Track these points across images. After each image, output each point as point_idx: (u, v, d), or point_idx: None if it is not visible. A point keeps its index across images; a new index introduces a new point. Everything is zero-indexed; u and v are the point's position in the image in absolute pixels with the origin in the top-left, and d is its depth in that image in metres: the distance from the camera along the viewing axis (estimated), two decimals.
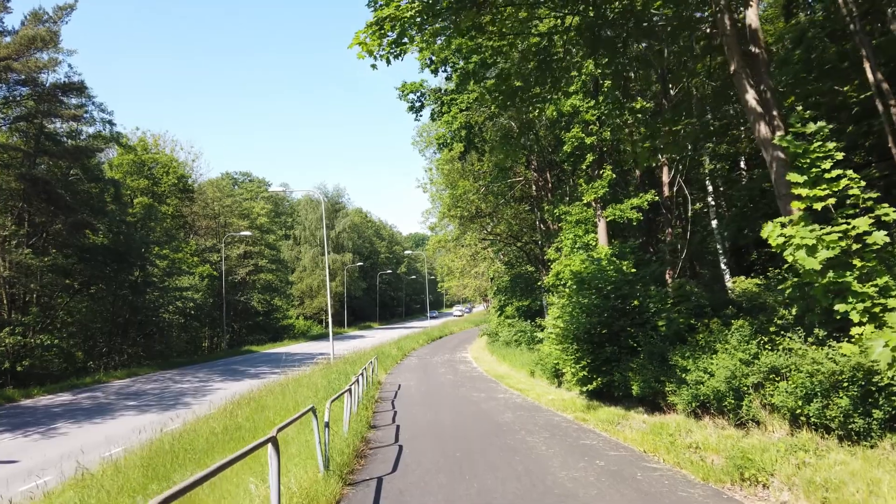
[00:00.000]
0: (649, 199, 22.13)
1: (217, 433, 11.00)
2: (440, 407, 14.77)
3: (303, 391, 15.97)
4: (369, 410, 13.29)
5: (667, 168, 24.08)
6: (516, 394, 17.30)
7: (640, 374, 12.07)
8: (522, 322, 33.49)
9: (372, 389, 16.51)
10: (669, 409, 11.72)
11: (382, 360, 27.22)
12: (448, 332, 57.21)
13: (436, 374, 24.30)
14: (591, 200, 22.27)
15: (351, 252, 68.77)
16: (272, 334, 52.94)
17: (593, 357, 13.69)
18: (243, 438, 10.38)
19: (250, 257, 50.63)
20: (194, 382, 30.16)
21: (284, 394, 15.70)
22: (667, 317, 12.36)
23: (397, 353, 31.51)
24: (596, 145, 22.21)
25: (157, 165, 46.32)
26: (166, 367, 36.60)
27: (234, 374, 32.30)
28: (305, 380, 19.02)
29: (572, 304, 14.58)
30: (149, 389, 27.99)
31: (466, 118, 24.60)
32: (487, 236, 35.20)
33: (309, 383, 17.97)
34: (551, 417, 12.71)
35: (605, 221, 22.61)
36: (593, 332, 13.72)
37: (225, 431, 10.99)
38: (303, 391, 15.97)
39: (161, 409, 21.56)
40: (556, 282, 22.00)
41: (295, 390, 16.22)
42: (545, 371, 19.61)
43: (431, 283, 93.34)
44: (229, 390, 23.89)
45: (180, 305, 41.95)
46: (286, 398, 14.63)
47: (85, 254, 32.07)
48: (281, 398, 15.03)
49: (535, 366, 22.23)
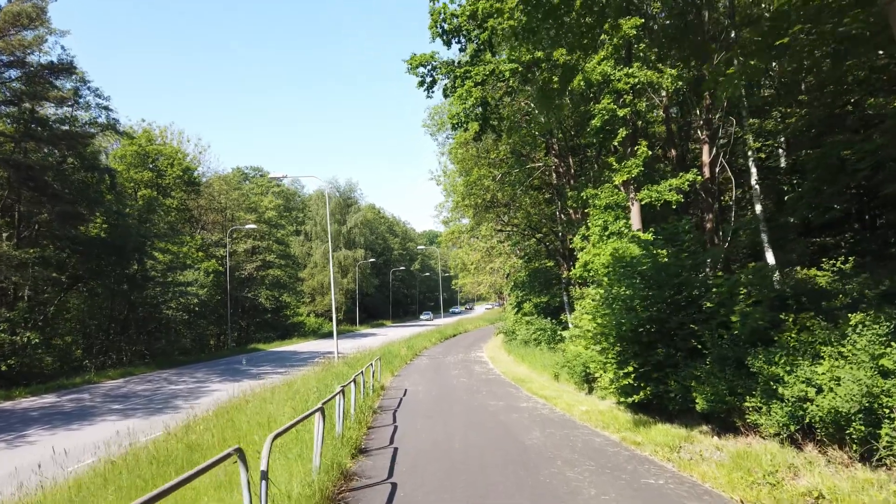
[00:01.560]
0: (691, 178, 19.19)
1: (160, 460, 8.38)
2: (452, 420, 12.02)
3: (298, 395, 13.40)
4: (363, 427, 10.59)
5: (707, 146, 21.12)
6: (541, 402, 14.48)
7: (708, 383, 9.21)
8: (542, 319, 30.62)
9: (370, 398, 13.81)
10: (749, 430, 8.85)
11: (390, 360, 24.53)
12: (462, 329, 54.44)
13: (448, 376, 21.54)
14: (624, 181, 19.38)
15: (363, 248, 66.18)
16: (281, 332, 50.52)
17: (641, 361, 10.84)
18: (185, 467, 7.76)
19: (258, 252, 48.25)
20: (190, 383, 27.75)
21: (265, 402, 13.05)
22: (740, 311, 9.46)
23: (407, 352, 28.80)
24: (629, 118, 19.32)
25: (161, 157, 44.10)
26: (167, 365, 34.29)
27: (235, 374, 29.86)
28: (298, 384, 16.38)
29: (613, 297, 11.72)
30: (140, 391, 25.65)
31: (482, 93, 21.81)
32: (504, 227, 32.34)
33: (301, 388, 15.32)
34: (591, 438, 9.88)
35: (638, 205, 19.68)
36: (641, 330, 10.87)
37: (167, 460, 8.37)
38: (298, 395, 13.40)
39: (147, 414, 19.24)
40: (584, 273, 19.13)
41: (282, 397, 13.58)
42: (573, 375, 16.77)
43: (445, 281, 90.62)
44: (225, 392, 21.56)
45: (184, 302, 39.62)
46: (263, 409, 11.99)
47: (78, 246, 29.78)
48: (260, 407, 12.39)
49: (559, 368, 19.40)
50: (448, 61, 22.90)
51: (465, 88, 21.37)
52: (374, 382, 16.28)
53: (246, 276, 48.19)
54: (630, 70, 18.48)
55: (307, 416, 6.38)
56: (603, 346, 11.87)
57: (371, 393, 14.81)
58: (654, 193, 18.85)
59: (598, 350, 12.09)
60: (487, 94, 22.45)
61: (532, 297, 33.90)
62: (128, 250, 32.10)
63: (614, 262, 11.94)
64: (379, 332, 57.35)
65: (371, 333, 56.33)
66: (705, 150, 21.23)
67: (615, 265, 11.81)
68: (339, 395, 8.74)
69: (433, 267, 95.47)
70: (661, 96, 21.57)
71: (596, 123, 19.28)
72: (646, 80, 18.38)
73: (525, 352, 28.02)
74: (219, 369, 32.60)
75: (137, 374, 30.67)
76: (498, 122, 24.04)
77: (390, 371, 21.76)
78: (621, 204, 20.35)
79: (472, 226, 31.01)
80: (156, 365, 33.18)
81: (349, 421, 9.99)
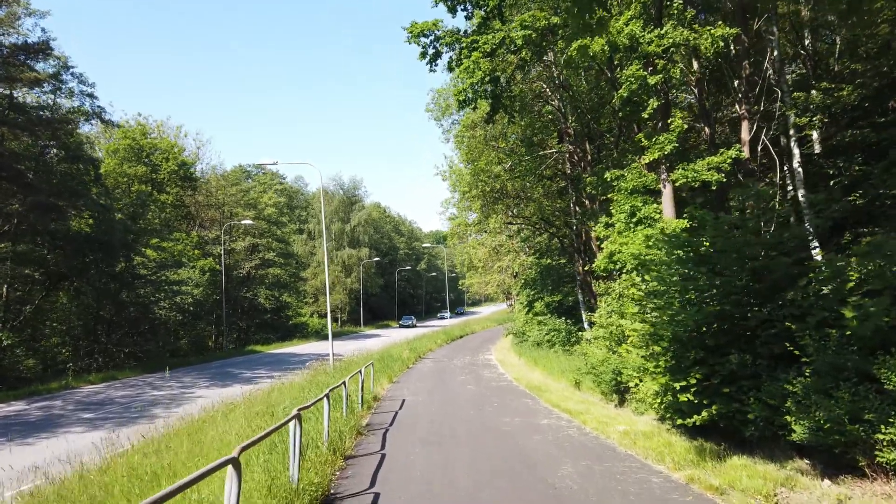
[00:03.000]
0: (734, 154, 16.42)
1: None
2: (456, 447, 9.32)
3: (268, 411, 10.78)
4: (338, 459, 7.87)
5: (747, 122, 18.32)
6: (565, 418, 11.76)
7: (813, 404, 6.47)
8: (555, 320, 27.87)
9: (357, 415, 11.08)
10: (877, 472, 6.10)
11: (390, 363, 21.86)
12: (469, 331, 51.67)
13: (453, 383, 18.83)
14: (654, 161, 16.63)
15: (368, 247, 63.50)
16: (282, 333, 47.91)
17: (706, 371, 8.09)
18: None
19: (258, 250, 45.71)
20: (175, 388, 25.21)
21: (227, 419, 10.41)
22: (855, 304, 6.70)
23: (409, 355, 26.11)
24: (661, 88, 16.59)
25: (156, 152, 41.73)
26: (156, 368, 31.77)
27: (226, 378, 27.34)
28: (275, 396, 13.75)
29: (667, 287, 8.96)
30: (118, 397, 23.17)
31: (491, 66, 19.10)
32: (514, 220, 29.61)
33: (278, 400, 12.68)
34: (646, 478, 7.15)
35: (671, 187, 16.92)
36: (705, 330, 8.12)
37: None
38: (268, 411, 10.78)
39: (117, 424, 16.76)
40: (609, 265, 16.38)
41: (253, 411, 10.95)
42: (599, 383, 14.01)
43: (452, 282, 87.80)
44: (209, 399, 19.10)
45: (178, 302, 37.12)
46: (211, 432, 9.35)
47: (58, 241, 27.34)
48: (209, 430, 9.75)
49: (580, 374, 16.66)
50: (453, 30, 20.20)
51: (472, 60, 18.70)
52: (366, 393, 13.58)
53: (244, 275, 45.66)
54: (662, 31, 15.77)
55: (214, 469, 3.72)
56: (652, 350, 9.13)
57: (360, 407, 12.12)
58: (691, 173, 16.09)
59: (646, 355, 9.34)
60: (497, 66, 19.79)
61: (544, 296, 31.17)
62: (114, 246, 29.62)
63: (666, 243, 9.17)
64: (383, 334, 54.69)
65: (375, 335, 53.68)
66: (744, 127, 18.42)
67: (667, 247, 9.05)
68: (295, 420, 6.01)
69: (440, 267, 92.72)
70: (693, 71, 18.81)
71: (622, 94, 16.54)
72: (681, 39, 15.62)
73: (538, 354, 25.29)
74: (209, 373, 30.08)
75: (122, 378, 28.16)
76: (510, 102, 21.39)
77: (388, 377, 19.07)
78: (650, 187, 17.60)
79: (480, 219, 28.28)
80: (143, 368, 30.67)
81: (318, 451, 7.32)
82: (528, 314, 31.72)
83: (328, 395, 8.15)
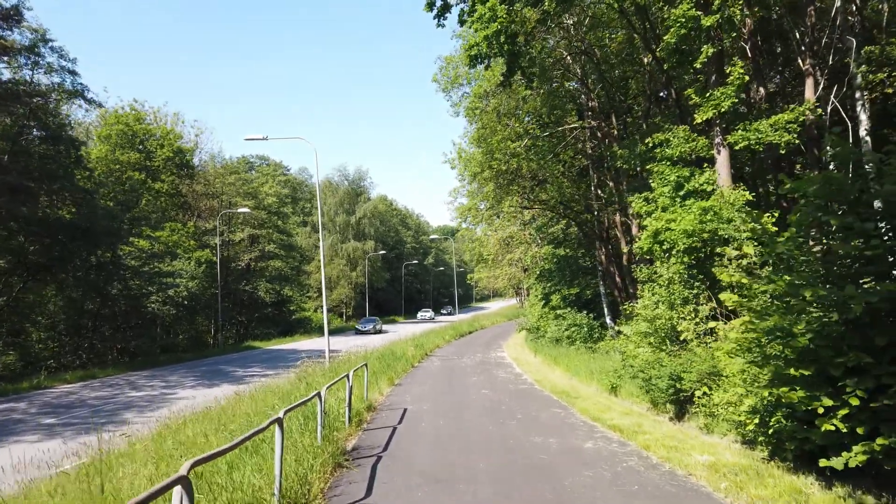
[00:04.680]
0: (808, 111, 13.36)
1: None
2: (474, 492, 6.34)
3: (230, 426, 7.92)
4: None
5: (811, 79, 15.19)
6: (616, 439, 8.78)
7: None
8: (575, 314, 24.84)
9: (340, 437, 8.06)
10: None
11: (392, 362, 18.94)
12: (479, 326, 48.67)
13: (464, 386, 15.86)
14: (708, 120, 13.56)
15: (373, 240, 60.54)
16: (283, 328, 45.10)
17: (871, 383, 5.05)
18: None
19: (257, 242, 42.89)
20: (157, 388, 22.48)
21: (177, 434, 7.54)
22: None
23: (415, 352, 23.16)
24: (715, 32, 13.51)
25: (151, 138, 39.00)
26: (145, 366, 29.08)
27: (216, 377, 24.62)
28: (249, 402, 10.84)
29: (805, 259, 5.87)
30: (92, 399, 20.51)
31: (509, 18, 16.04)
32: (531, 204, 26.58)
33: (246, 408, 9.79)
34: None
35: (727, 153, 13.85)
36: (870, 320, 5.07)
37: None
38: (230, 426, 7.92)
39: (77, 432, 14.12)
40: (654, 247, 13.32)
41: (185, 440, 8.05)
42: (651, 390, 10.99)
43: (460, 277, 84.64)
44: (192, 400, 16.56)
45: (172, 295, 34.33)
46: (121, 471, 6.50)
47: (33, 228, 24.62)
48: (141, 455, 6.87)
49: (616, 377, 13.64)
50: None
51: (487, 6, 15.69)
52: (358, 402, 10.62)
53: (244, 268, 42.85)
54: None
55: None
56: (764, 352, 6.09)
57: (347, 424, 9.16)
58: (753, 134, 13.00)
59: (758, 358, 6.29)
60: (515, 20, 16.74)
61: (562, 289, 28.12)
62: (97, 234, 26.87)
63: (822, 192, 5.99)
64: (389, 329, 51.81)
65: (380, 330, 50.79)
66: (808, 84, 15.28)
67: (815, 198, 5.91)
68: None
69: (448, 262, 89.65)
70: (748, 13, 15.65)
71: (669, 40, 13.46)
72: None
73: (557, 352, 22.30)
74: (199, 371, 27.33)
75: (103, 376, 25.45)
76: (529, 63, 18.34)
77: (389, 378, 16.13)
78: (699, 154, 14.53)
79: (493, 203, 25.27)
80: (127, 366, 27.93)
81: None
82: (543, 308, 28.71)
83: (280, 422, 5.16)
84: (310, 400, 6.88)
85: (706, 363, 9.60)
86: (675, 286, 12.17)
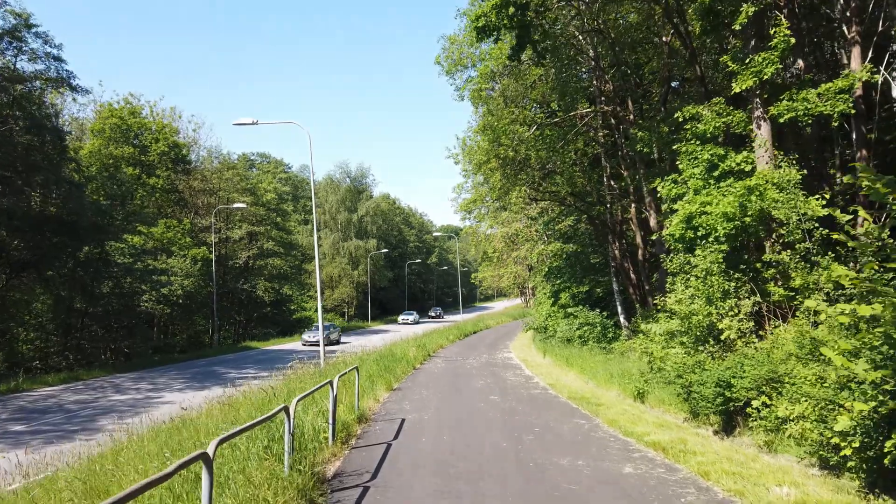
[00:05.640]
0: (865, 76, 11.65)
1: None
2: None
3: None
4: None
5: (858, 48, 13.45)
6: (661, 462, 7.08)
7: None
8: (588, 312, 23.14)
9: (326, 453, 6.36)
10: None
11: (391, 365, 17.26)
12: (483, 325, 46.95)
13: (471, 391, 14.17)
14: (746, 91, 11.85)
15: (376, 238, 58.82)
16: (283, 328, 43.45)
17: None
18: None
19: (256, 239, 41.28)
20: (143, 391, 20.91)
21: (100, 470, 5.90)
22: None
23: (416, 353, 21.47)
24: None
25: (145, 132, 37.47)
26: (134, 367, 27.50)
27: (207, 379, 23.08)
28: (218, 415, 9.19)
29: None
30: (70, 403, 18.95)
31: None
32: (540, 196, 24.88)
33: (209, 422, 8.14)
34: None
35: (769, 127, 12.12)
36: None
37: None
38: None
39: (46, 441, 12.83)
40: (685, 233, 11.61)
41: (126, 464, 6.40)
42: (694, 399, 9.26)
43: (464, 276, 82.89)
44: (176, 405, 14.88)
45: (165, 293, 32.74)
46: None
47: (15, 221, 23.08)
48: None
49: (643, 382, 11.92)
50: None
51: None
52: (345, 415, 8.92)
53: (242, 266, 41.24)
54: None
55: None
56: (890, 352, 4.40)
57: (331, 442, 7.48)
58: (801, 105, 11.27)
59: (877, 361, 4.60)
60: None
61: (571, 286, 26.45)
62: (82, 229, 25.30)
63: None
64: (392, 329, 50.12)
65: (383, 330, 49.09)
66: (855, 53, 13.52)
67: None
68: None
69: (451, 261, 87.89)
70: None
71: (703, 0, 11.80)
72: None
73: (569, 353, 20.62)
74: (191, 372, 25.76)
75: (87, 378, 23.83)
76: (540, 37, 16.65)
77: (387, 383, 14.45)
78: (735, 131, 12.83)
79: (499, 195, 23.59)
80: (115, 368, 26.34)
81: None
82: (553, 306, 27.02)
83: (206, 459, 3.50)
84: (272, 417, 5.19)
85: (764, 367, 7.88)
86: (714, 278, 10.46)
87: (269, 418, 5.07)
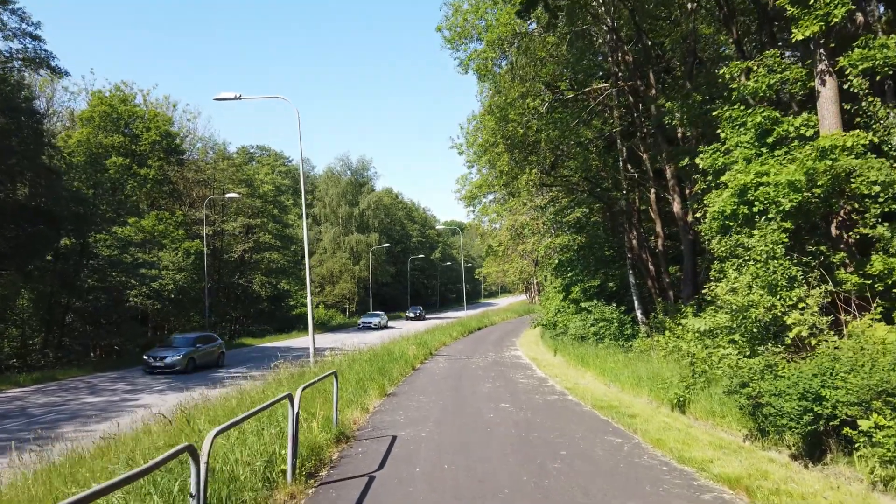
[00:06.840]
0: None
1: None
2: None
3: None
4: None
5: None
6: None
7: None
8: (604, 307, 21.06)
9: (279, 497, 4.45)
10: None
11: (387, 365, 15.24)
12: (488, 322, 44.96)
13: (477, 397, 12.12)
14: (810, 39, 9.75)
15: (378, 233, 56.75)
16: (281, 324, 41.52)
17: None
18: None
19: (252, 232, 39.31)
20: (119, 393, 19.04)
21: None
22: None
23: (416, 351, 19.44)
24: None
25: (136, 120, 35.49)
26: (116, 366, 25.63)
27: (191, 379, 21.21)
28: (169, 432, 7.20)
29: None
30: (35, 407, 17.14)
31: None
32: (550, 182, 22.80)
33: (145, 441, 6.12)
34: None
35: (835, 83, 9.98)
36: None
37: None
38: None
39: None
40: (738, 209, 9.51)
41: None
42: (767, 413, 7.17)
43: (468, 272, 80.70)
44: (154, 408, 12.87)
45: (157, 287, 30.79)
46: None
47: None
48: None
49: (684, 388, 9.86)
50: None
51: None
52: (316, 436, 6.83)
53: (237, 259, 39.27)
54: None
55: None
56: None
57: (291, 476, 5.45)
58: (879, 53, 9.17)
59: None
60: None
61: (583, 280, 24.37)
62: (61, 219, 23.39)
63: None
64: (395, 325, 48.15)
65: (385, 327, 47.14)
66: None
67: None
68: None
69: (455, 257, 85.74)
70: None
71: None
72: None
73: (583, 352, 18.56)
74: (176, 371, 23.81)
75: (62, 378, 21.97)
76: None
77: (380, 387, 12.41)
78: (789, 91, 10.72)
79: (507, 180, 21.52)
80: (95, 366, 24.46)
81: None
82: (564, 301, 24.94)
83: None
84: (169, 460, 3.15)
85: (875, 376, 5.81)
86: (778, 262, 8.38)
87: (174, 457, 2.99)
